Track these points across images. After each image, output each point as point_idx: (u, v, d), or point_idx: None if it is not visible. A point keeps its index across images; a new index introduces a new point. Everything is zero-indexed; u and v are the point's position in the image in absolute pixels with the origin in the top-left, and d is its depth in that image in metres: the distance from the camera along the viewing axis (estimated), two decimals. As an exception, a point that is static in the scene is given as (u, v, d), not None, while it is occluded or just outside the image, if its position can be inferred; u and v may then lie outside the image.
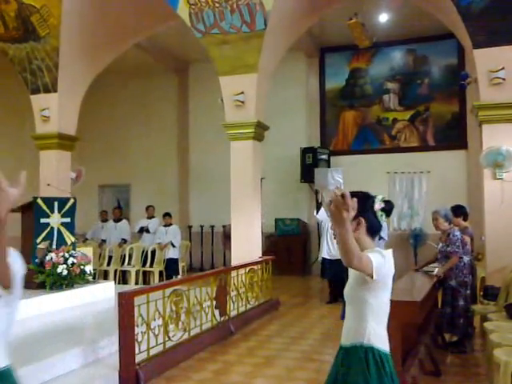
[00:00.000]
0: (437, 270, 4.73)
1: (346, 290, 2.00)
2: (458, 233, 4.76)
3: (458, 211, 5.25)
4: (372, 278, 1.80)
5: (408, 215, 10.13)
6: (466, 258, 4.79)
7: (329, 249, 7.11)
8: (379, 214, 2.02)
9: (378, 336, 1.91)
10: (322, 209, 7.28)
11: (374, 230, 1.99)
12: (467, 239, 4.99)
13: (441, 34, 9.49)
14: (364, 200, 1.98)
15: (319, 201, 7.70)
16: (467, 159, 9.79)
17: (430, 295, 4.28)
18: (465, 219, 5.32)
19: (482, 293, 5.76)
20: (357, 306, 1.94)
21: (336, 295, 7.07)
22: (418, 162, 10.01)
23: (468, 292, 4.76)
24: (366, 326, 1.90)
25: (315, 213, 7.73)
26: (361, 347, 1.89)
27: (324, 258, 7.24)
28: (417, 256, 9.55)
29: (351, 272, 1.99)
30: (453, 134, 10.04)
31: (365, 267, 1.78)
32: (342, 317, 4.80)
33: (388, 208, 2.16)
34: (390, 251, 1.96)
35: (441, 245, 4.85)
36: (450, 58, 10.12)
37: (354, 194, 1.77)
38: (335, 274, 6.82)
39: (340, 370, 1.95)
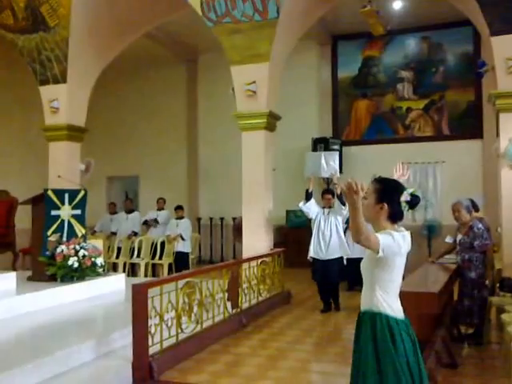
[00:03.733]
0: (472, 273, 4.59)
1: (362, 262, 2.21)
2: (480, 225, 4.65)
3: (473, 204, 5.15)
4: (378, 253, 2.02)
5: (422, 206, 9.98)
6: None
7: (321, 249, 6.17)
8: (403, 205, 2.18)
9: (386, 304, 2.10)
10: (312, 201, 6.34)
11: (395, 218, 2.18)
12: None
13: (456, 21, 9.28)
14: (393, 188, 2.19)
15: (309, 190, 6.35)
16: (483, 149, 9.59)
17: (447, 287, 4.19)
18: (476, 211, 5.22)
19: (498, 285, 5.65)
20: (367, 276, 2.16)
21: (329, 302, 6.23)
22: (432, 151, 9.83)
23: (487, 282, 4.67)
24: (375, 295, 2.11)
25: (302, 204, 6.38)
26: (370, 312, 2.12)
27: (314, 259, 6.26)
28: (431, 247, 9.42)
29: None
30: (468, 123, 9.83)
31: (372, 245, 2.00)
32: None
33: (413, 202, 2.27)
34: (404, 233, 2.14)
35: (460, 236, 4.74)
36: (465, 45, 9.89)
37: (385, 181, 2.16)
38: (325, 276, 6.15)
39: (355, 333, 2.21)
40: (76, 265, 5.63)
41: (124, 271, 8.32)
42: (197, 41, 10.74)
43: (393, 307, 2.11)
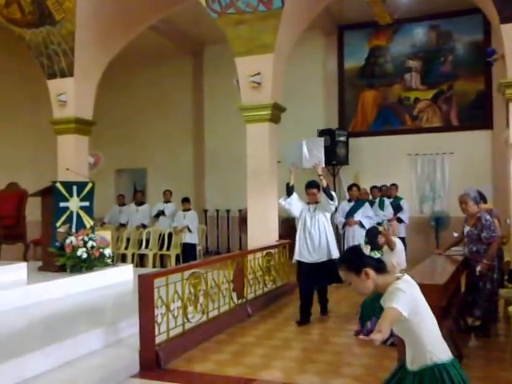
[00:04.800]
0: (478, 267, 4.50)
1: (397, 332, 2.15)
2: (488, 216, 4.59)
3: (481, 195, 5.10)
4: (405, 317, 1.99)
5: (430, 198, 9.92)
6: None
7: (308, 251, 5.31)
8: (372, 254, 2.19)
9: (437, 350, 2.07)
10: (294, 196, 5.44)
11: (382, 268, 2.15)
12: (496, 221, 4.84)
13: (465, 9, 9.13)
14: (356, 257, 2.17)
15: (289, 184, 5.47)
16: (492, 139, 9.47)
17: (454, 278, 4.18)
18: (484, 202, 5.18)
19: (506, 277, 5.62)
20: (408, 337, 2.11)
21: (309, 313, 5.26)
22: (440, 142, 9.73)
23: (495, 276, 4.63)
24: (425, 350, 2.06)
25: (282, 200, 5.53)
26: (429, 368, 2.06)
27: (299, 262, 5.40)
28: (438, 239, 9.37)
29: None
30: (477, 114, 9.70)
31: (397, 319, 1.98)
32: (357, 333, 4.69)
33: (375, 246, 2.42)
34: (407, 278, 2.12)
35: (468, 228, 4.69)
36: (475, 33, 9.73)
37: (345, 260, 2.18)
38: (312, 281, 5.28)
39: None
40: (85, 255, 5.71)
41: (132, 262, 8.42)
42: (202, 33, 10.71)
43: (443, 349, 2.09)
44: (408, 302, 2.00)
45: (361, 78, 10.55)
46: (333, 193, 5.34)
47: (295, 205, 5.44)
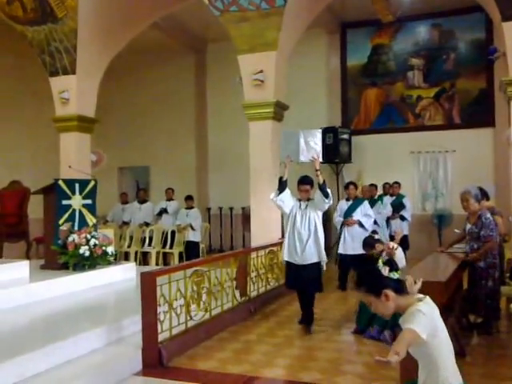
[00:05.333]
0: (470, 255, 4.56)
1: (413, 353, 2.13)
2: (489, 214, 4.60)
3: (483, 192, 5.09)
4: (423, 339, 1.98)
5: (432, 196, 9.92)
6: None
7: (295, 252, 4.88)
8: (391, 275, 2.30)
9: (450, 375, 2.06)
10: (287, 192, 4.97)
11: (400, 288, 2.15)
12: (499, 219, 4.83)
13: (468, 7, 9.12)
14: (375, 279, 2.19)
15: (283, 178, 5.00)
16: (494, 137, 9.45)
17: (456, 276, 4.18)
18: (487, 199, 5.17)
19: (508, 274, 5.62)
20: (423, 360, 2.10)
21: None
22: (443, 140, 9.73)
23: (497, 273, 4.63)
24: (438, 375, 2.05)
25: (273, 196, 5.04)
26: None
27: (288, 262, 5.00)
28: (441, 237, 9.36)
29: None
30: (479, 112, 9.68)
31: (416, 340, 1.96)
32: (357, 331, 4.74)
33: (394, 267, 2.44)
34: (428, 300, 2.11)
35: (469, 226, 4.69)
36: (477, 32, 9.71)
37: (363, 282, 2.15)
38: (298, 284, 4.95)
39: None
40: (87, 253, 5.71)
41: (135, 260, 8.44)
42: (205, 30, 10.71)
43: (456, 376, 2.10)
44: (428, 324, 1.99)
45: (363, 76, 10.53)
46: (328, 190, 4.85)
47: (287, 201, 4.97)
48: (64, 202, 5.95)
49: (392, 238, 6.64)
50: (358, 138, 10.24)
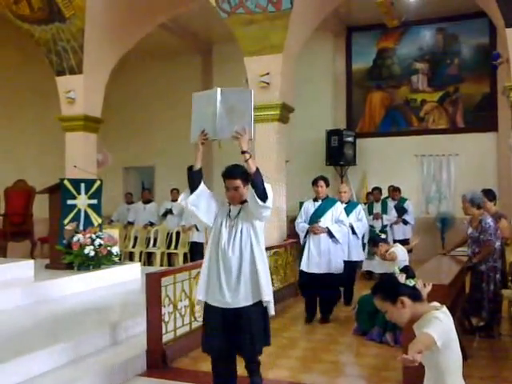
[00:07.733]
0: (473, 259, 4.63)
1: (423, 360, 2.10)
2: (489, 219, 4.64)
3: (491, 195, 5.12)
4: (437, 346, 1.96)
5: (436, 199, 9.94)
6: (497, 243, 4.67)
7: (219, 289, 3.08)
8: (408, 282, 2.17)
9: None
10: (202, 189, 3.46)
11: (418, 297, 2.14)
12: (504, 223, 4.87)
13: (472, 13, 9.12)
14: (392, 286, 2.16)
15: (194, 168, 3.60)
16: (497, 141, 9.48)
17: (458, 279, 4.21)
18: (494, 198, 5.23)
19: (510, 278, 5.64)
20: (431, 369, 2.08)
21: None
22: (446, 144, 9.75)
23: (498, 276, 4.66)
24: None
25: (182, 197, 3.46)
26: None
27: (209, 306, 3.24)
28: (444, 240, 9.38)
29: None
30: (483, 116, 9.70)
31: (430, 346, 1.94)
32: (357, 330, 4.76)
33: (410, 273, 2.44)
34: (445, 310, 2.09)
35: (471, 230, 4.75)
36: (481, 37, 9.74)
37: (380, 289, 2.14)
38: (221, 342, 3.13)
39: None
40: (92, 253, 5.73)
41: (140, 260, 8.46)
42: (211, 32, 10.73)
43: None
44: (444, 332, 1.98)
45: (368, 79, 10.55)
46: (267, 186, 3.02)
47: (204, 206, 3.24)
48: (69, 202, 5.96)
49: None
50: (363, 140, 10.26)
